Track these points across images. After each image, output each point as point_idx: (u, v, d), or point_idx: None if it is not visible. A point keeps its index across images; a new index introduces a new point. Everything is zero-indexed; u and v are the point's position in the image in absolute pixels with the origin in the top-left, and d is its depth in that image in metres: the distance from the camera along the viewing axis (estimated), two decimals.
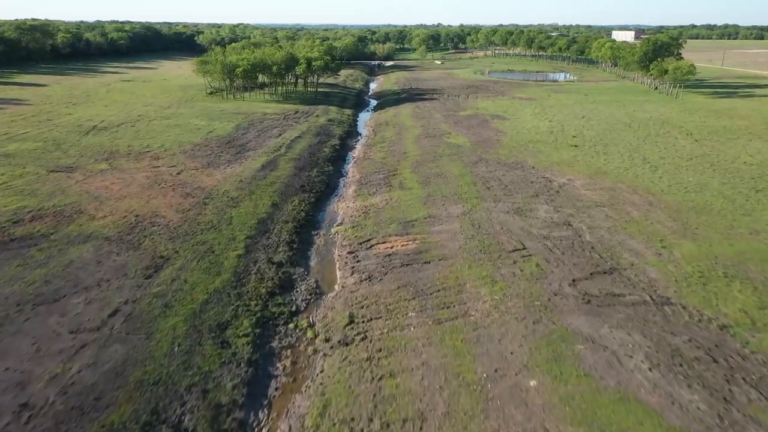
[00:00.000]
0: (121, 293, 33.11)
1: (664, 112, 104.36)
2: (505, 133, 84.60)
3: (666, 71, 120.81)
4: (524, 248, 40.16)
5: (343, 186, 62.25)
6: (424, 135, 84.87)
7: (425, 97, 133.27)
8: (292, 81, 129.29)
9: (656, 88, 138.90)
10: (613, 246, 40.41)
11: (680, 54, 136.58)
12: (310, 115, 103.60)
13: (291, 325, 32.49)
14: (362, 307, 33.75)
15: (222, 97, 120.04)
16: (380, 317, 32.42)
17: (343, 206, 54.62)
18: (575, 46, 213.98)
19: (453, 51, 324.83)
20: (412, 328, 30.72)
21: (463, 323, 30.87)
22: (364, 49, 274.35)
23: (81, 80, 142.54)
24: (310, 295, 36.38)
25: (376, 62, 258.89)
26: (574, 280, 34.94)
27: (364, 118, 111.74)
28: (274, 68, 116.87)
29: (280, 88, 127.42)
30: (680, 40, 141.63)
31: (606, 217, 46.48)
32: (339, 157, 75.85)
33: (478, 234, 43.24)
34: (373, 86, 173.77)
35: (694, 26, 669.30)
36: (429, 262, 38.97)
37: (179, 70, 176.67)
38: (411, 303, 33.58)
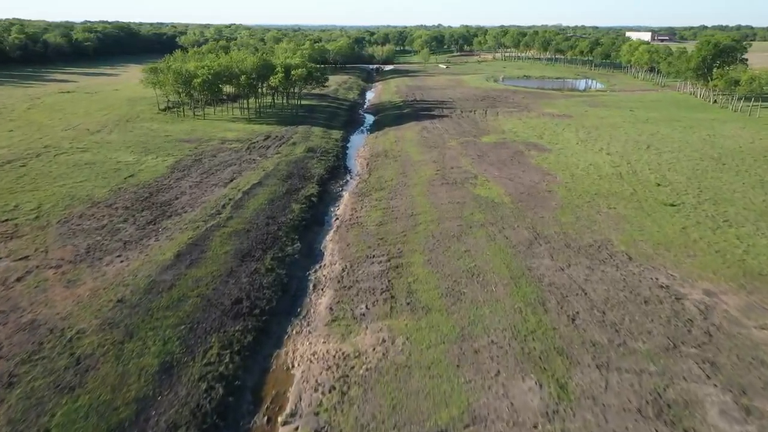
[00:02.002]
0: None
1: (752, 137, 79.12)
2: (554, 176, 59.29)
3: (737, 82, 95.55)
4: None
5: (312, 289, 36.93)
6: (439, 178, 59.53)
7: (433, 112, 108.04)
8: (269, 92, 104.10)
9: (715, 101, 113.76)
10: None
11: (746, 60, 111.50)
12: (284, 141, 78.26)
13: None
14: None
15: (177, 115, 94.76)
16: None
17: (305, 352, 29.38)
18: (599, 48, 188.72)
19: (458, 53, 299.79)
20: None
21: None
22: (362, 52, 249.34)
23: (6, 92, 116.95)
24: None
25: (375, 66, 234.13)
26: None
27: (357, 144, 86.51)
28: (242, 78, 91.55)
29: (252, 101, 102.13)
30: (744, 43, 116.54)
31: None
32: (314, 219, 50.49)
33: None
34: (369, 96, 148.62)
35: (705, 27, 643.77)
36: None
37: None
38: None
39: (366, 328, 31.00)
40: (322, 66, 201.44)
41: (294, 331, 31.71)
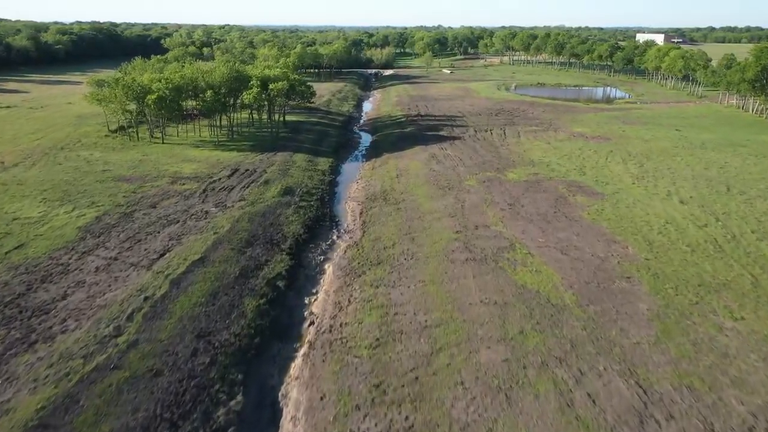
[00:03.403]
0: None
1: None
2: (622, 244, 41.85)
3: None
4: None
5: None
6: (461, 247, 42.08)
7: (441, 131, 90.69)
8: (245, 108, 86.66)
9: None
10: None
11: None
12: (255, 178, 60.89)
13: None
14: None
15: (129, 138, 77.36)
16: None
17: None
18: (620, 53, 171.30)
19: (462, 57, 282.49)
20: None
21: None
22: (359, 55, 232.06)
23: None
24: None
25: (373, 71, 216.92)
26: None
27: (350, 177, 69.14)
28: (208, 94, 74.09)
29: (226, 118, 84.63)
30: None
31: None
32: (275, 327, 33.06)
33: None
34: (366, 108, 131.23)
35: (713, 29, 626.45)
36: None
37: None
38: None
39: None
40: (316, 70, 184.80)
41: None
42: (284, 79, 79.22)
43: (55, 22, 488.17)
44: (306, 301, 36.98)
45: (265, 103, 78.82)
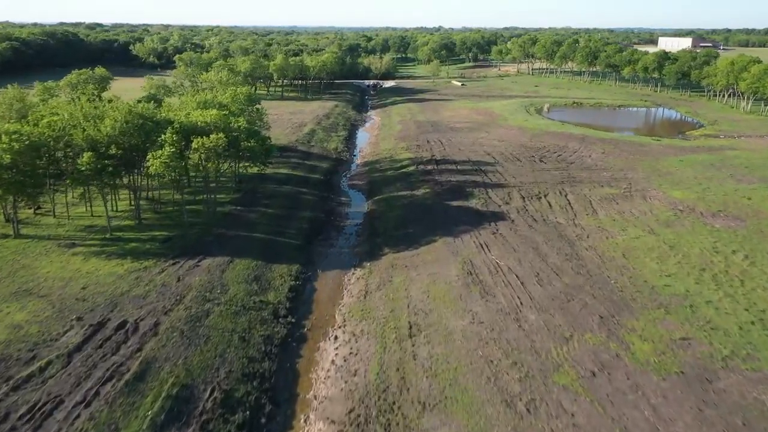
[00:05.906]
0: None
1: None
2: None
3: None
4: None
5: None
6: None
7: (471, 198, 59.53)
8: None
9: None
10: None
11: None
12: (122, 361, 29.93)
13: None
14: None
15: None
16: None
17: None
18: (673, 65, 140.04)
19: (472, 64, 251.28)
20: None
21: None
22: (355, 62, 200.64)
23: None
24: None
25: (372, 82, 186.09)
26: None
27: (321, 316, 38.05)
28: (85, 158, 42.89)
29: (144, 173, 53.47)
30: None
31: None
32: None
33: None
34: (361, 140, 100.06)
35: (728, 30, 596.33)
36: None
37: None
38: None
39: None
40: (302, 82, 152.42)
41: None
42: (222, 127, 47.77)
43: (35, 24, 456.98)
44: None
45: (185, 171, 47.56)
